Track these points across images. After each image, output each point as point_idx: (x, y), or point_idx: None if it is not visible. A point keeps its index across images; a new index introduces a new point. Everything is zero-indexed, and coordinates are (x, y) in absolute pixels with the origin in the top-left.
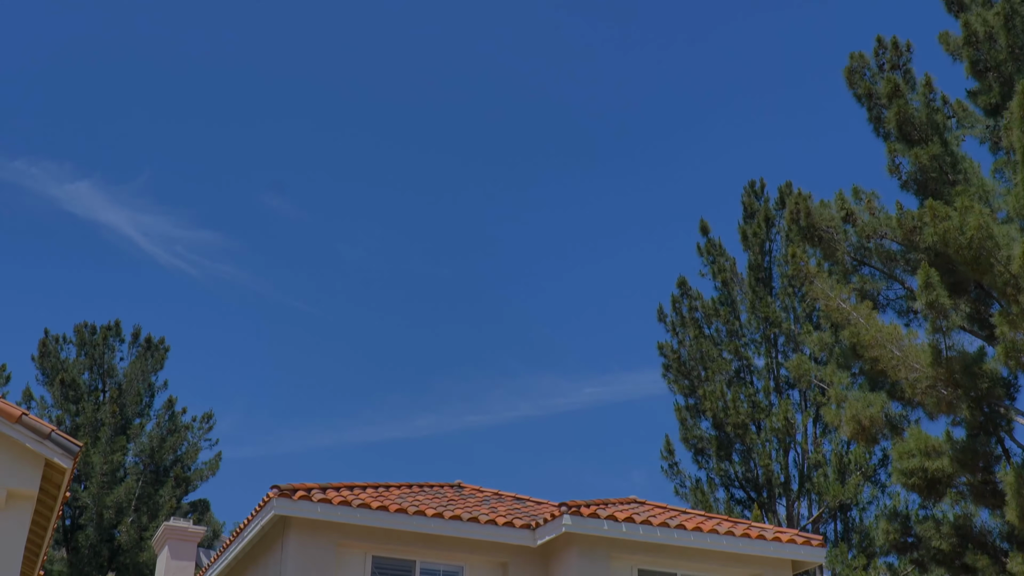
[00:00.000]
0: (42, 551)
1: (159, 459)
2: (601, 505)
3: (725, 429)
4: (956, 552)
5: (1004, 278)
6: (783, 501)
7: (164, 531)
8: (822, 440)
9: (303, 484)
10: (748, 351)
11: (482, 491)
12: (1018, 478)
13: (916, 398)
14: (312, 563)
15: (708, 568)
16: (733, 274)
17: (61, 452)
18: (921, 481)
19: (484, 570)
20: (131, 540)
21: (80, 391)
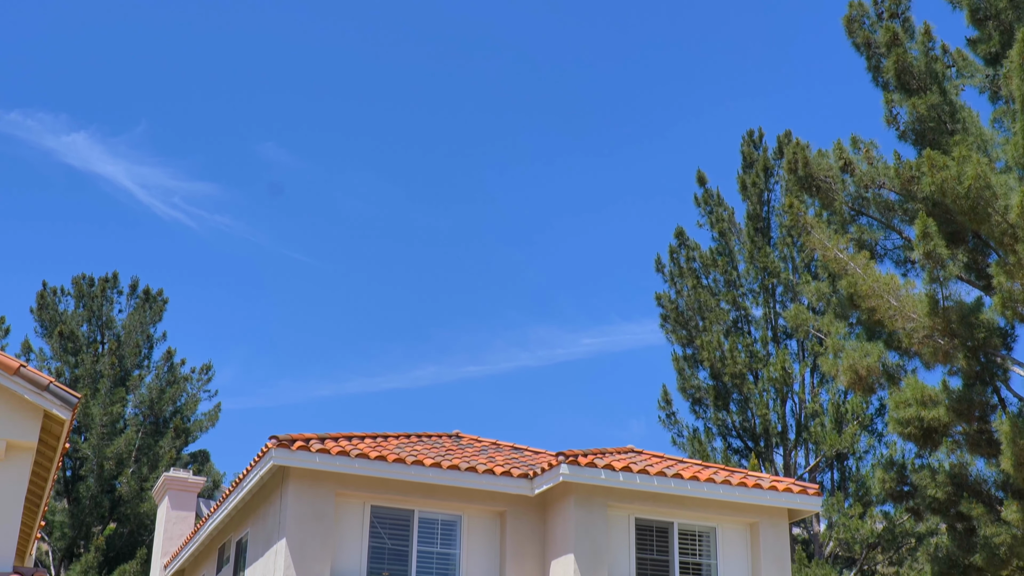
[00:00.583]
0: (43, 502)
1: (158, 410)
2: (598, 454)
3: (723, 379)
4: (951, 500)
5: (1002, 228)
6: (780, 450)
7: (164, 482)
8: (819, 390)
9: (301, 435)
10: (746, 301)
11: (480, 441)
12: (1013, 427)
13: (913, 348)
14: (311, 513)
15: (705, 517)
16: (731, 224)
17: (60, 403)
18: (917, 430)
19: (482, 519)
20: (132, 491)
21: (79, 343)
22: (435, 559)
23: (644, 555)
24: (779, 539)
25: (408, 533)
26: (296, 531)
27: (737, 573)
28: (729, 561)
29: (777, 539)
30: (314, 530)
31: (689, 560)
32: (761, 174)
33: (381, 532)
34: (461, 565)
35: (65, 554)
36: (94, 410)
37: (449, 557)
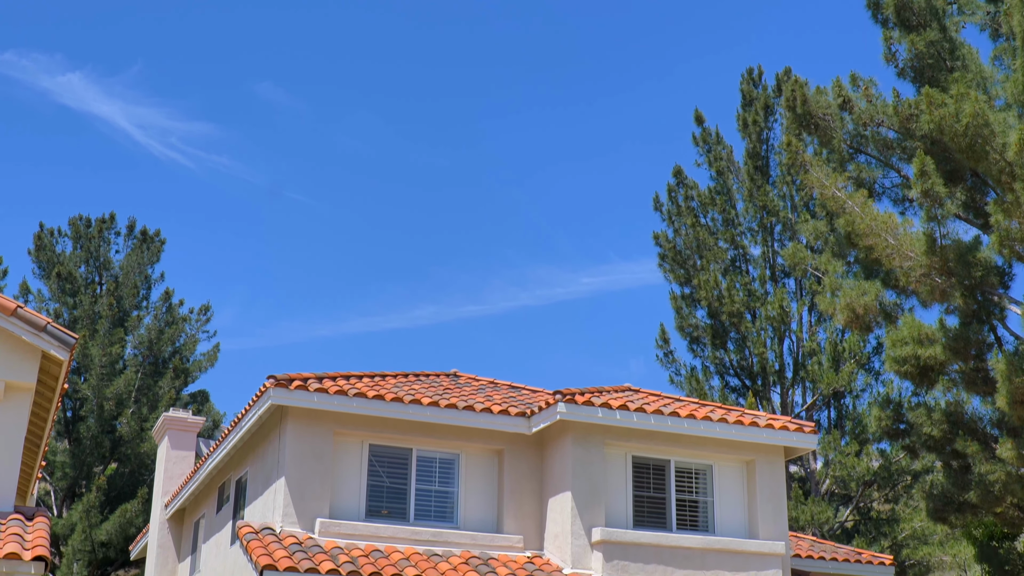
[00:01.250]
0: (43, 442)
1: (157, 351)
2: (596, 393)
3: (720, 318)
4: (947, 438)
5: (1000, 166)
6: (777, 389)
7: (164, 422)
8: (817, 328)
9: (300, 374)
10: (744, 240)
11: (478, 380)
12: (1009, 366)
13: (910, 286)
14: (310, 452)
15: (701, 455)
16: (729, 163)
17: (57, 344)
18: (914, 368)
19: (480, 457)
20: (132, 431)
21: (77, 284)
22: (433, 497)
23: (641, 492)
24: (775, 477)
25: (406, 471)
26: (295, 470)
27: (733, 510)
28: (725, 498)
29: (773, 477)
30: (313, 469)
31: (686, 497)
32: (761, 112)
33: (379, 470)
34: (459, 503)
35: (67, 494)
36: (93, 351)
37: (447, 495)
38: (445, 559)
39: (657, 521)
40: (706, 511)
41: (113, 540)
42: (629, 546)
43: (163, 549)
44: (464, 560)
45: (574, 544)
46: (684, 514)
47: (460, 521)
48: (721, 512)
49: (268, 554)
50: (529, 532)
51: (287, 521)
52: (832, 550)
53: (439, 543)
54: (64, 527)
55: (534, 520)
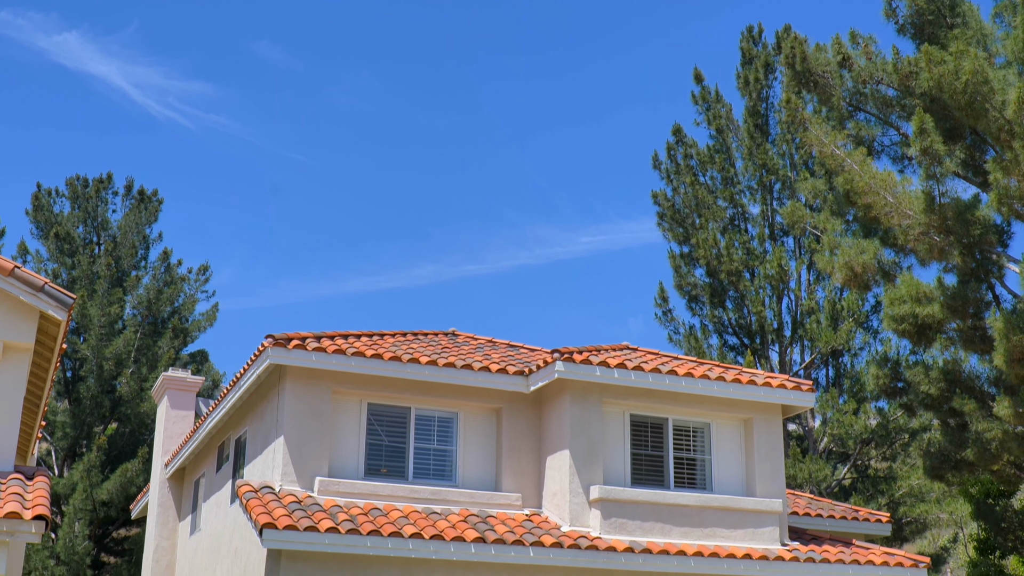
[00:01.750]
0: (42, 402)
1: (156, 311)
2: (593, 351)
3: (719, 276)
4: (944, 396)
5: (999, 123)
6: (776, 347)
7: (163, 381)
8: (815, 287)
9: (298, 333)
10: (743, 198)
11: (476, 339)
12: (1007, 324)
13: (909, 245)
14: (308, 411)
15: (699, 413)
16: (729, 121)
17: (55, 304)
18: (912, 327)
19: (478, 416)
20: (132, 391)
21: (75, 244)
22: (432, 455)
23: (639, 451)
24: (773, 435)
25: (405, 430)
26: (294, 429)
27: (731, 468)
28: (723, 456)
29: (771, 435)
30: (311, 428)
31: (683, 455)
32: (760, 70)
33: (378, 429)
34: (458, 461)
35: (67, 453)
36: (92, 311)
37: (446, 453)
38: (444, 517)
39: (655, 479)
40: (704, 469)
41: (114, 499)
42: (627, 504)
43: (163, 508)
44: (463, 518)
45: (572, 502)
46: (682, 472)
47: (458, 479)
48: (719, 470)
49: (267, 512)
50: (527, 490)
51: (286, 480)
52: (829, 507)
53: (437, 501)
54: (65, 487)
55: (532, 478)
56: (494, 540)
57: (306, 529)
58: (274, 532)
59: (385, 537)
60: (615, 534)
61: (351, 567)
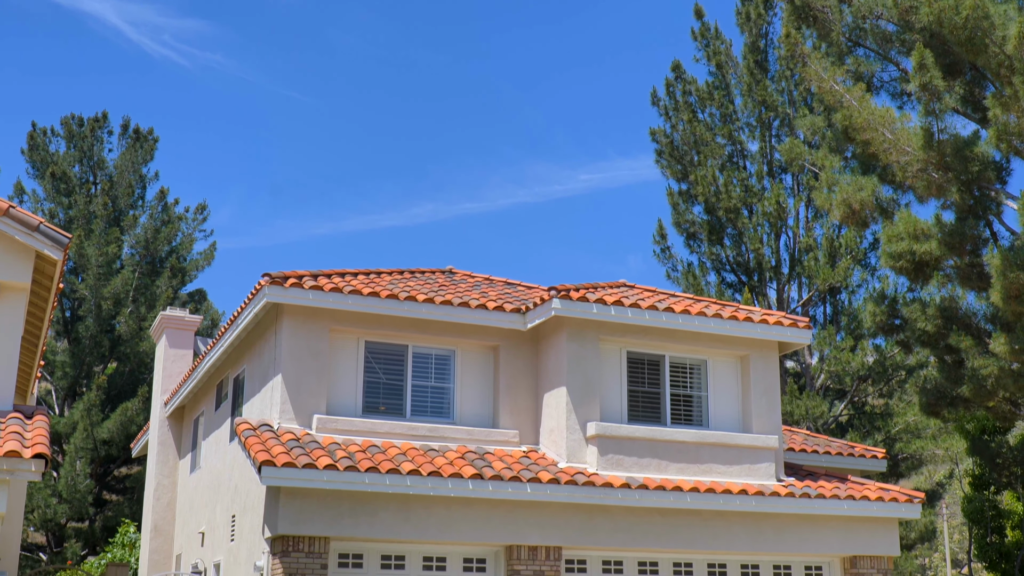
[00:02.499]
0: (40, 341)
1: (154, 250)
2: (590, 289)
3: (717, 213)
4: (941, 333)
5: (999, 59)
6: (774, 285)
7: (161, 321)
8: (813, 224)
9: (295, 272)
10: (741, 135)
11: (473, 276)
12: (1004, 261)
13: (907, 182)
14: (306, 349)
15: (696, 350)
16: (728, 58)
17: (51, 244)
18: (909, 264)
19: (475, 353)
20: (130, 330)
21: (71, 184)
22: (429, 393)
23: (636, 388)
24: (769, 371)
25: (402, 368)
26: (291, 367)
27: (727, 405)
28: (719, 393)
29: (767, 371)
30: (309, 366)
31: (680, 392)
32: (761, 5)
33: (376, 367)
34: (455, 399)
35: (67, 393)
36: (89, 251)
37: (443, 391)
38: (442, 454)
39: (651, 416)
40: (700, 406)
41: (115, 438)
42: (623, 440)
43: (163, 446)
44: (460, 455)
45: (569, 439)
46: (678, 409)
47: (456, 417)
48: (715, 407)
49: (266, 450)
50: (525, 427)
51: (284, 418)
52: (825, 444)
53: (435, 438)
54: (66, 426)
55: (529, 415)
56: (491, 477)
57: (304, 466)
58: (272, 469)
59: (383, 474)
60: (612, 470)
61: (349, 504)
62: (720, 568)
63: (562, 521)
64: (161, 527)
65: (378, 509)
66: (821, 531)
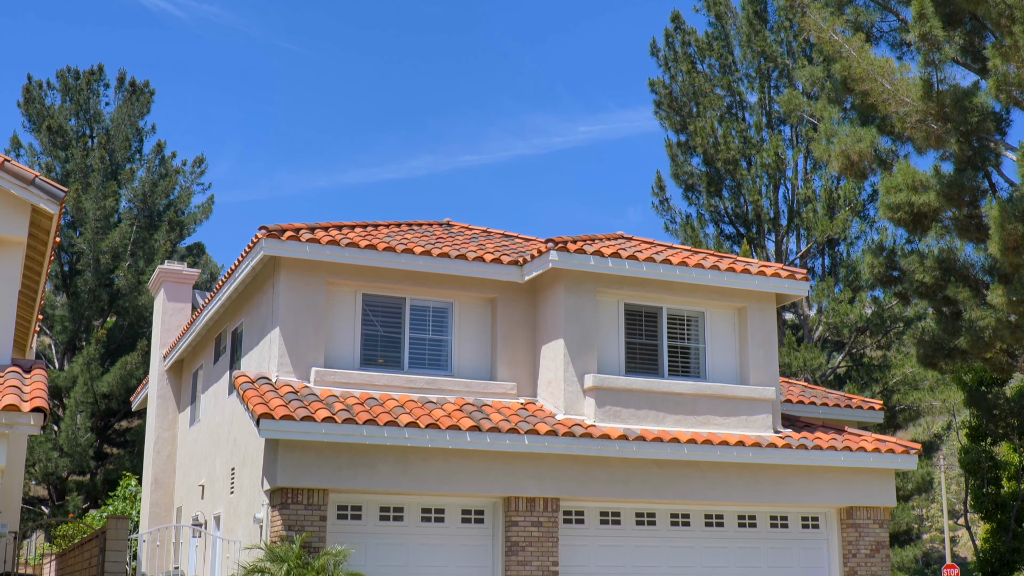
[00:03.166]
0: (38, 295)
1: (152, 204)
2: (588, 241)
3: (716, 165)
4: (939, 285)
5: (999, 8)
6: (772, 237)
7: (159, 274)
8: (812, 176)
9: (292, 224)
10: (740, 86)
11: (471, 229)
12: (1003, 212)
13: (906, 132)
14: (303, 301)
15: (693, 302)
16: (727, 8)
17: (47, 197)
18: (907, 215)
19: (473, 305)
20: (129, 284)
21: (68, 137)
22: (427, 345)
23: (633, 339)
24: (767, 323)
25: (400, 320)
26: (289, 320)
27: (725, 356)
28: (717, 345)
29: (765, 323)
30: (307, 318)
31: (677, 344)
32: None
33: (373, 319)
34: (453, 351)
35: (67, 347)
36: (87, 204)
37: (441, 343)
38: (439, 406)
39: (649, 367)
40: (698, 357)
41: (115, 392)
42: (621, 392)
43: (163, 400)
44: (458, 407)
45: (567, 390)
46: (676, 360)
47: (454, 369)
48: (712, 358)
49: (264, 403)
50: (522, 379)
51: (282, 371)
52: (823, 395)
53: (433, 390)
54: (66, 380)
55: (527, 367)
56: (489, 428)
57: (303, 419)
58: (271, 422)
59: (381, 426)
60: (609, 422)
61: (348, 456)
62: (717, 519)
63: (560, 473)
64: (161, 480)
65: (376, 461)
66: (818, 482)
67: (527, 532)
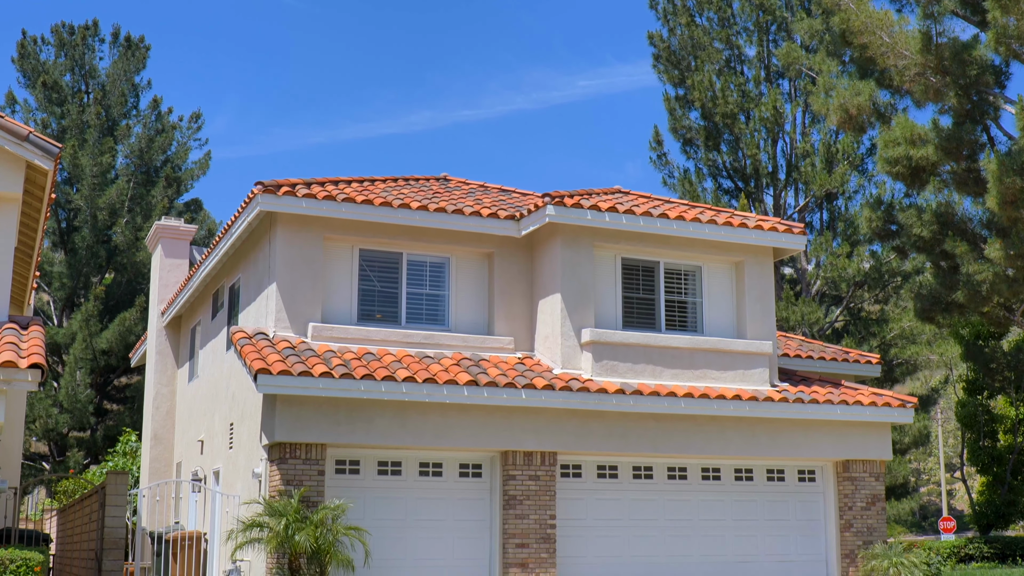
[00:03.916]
0: (35, 252)
1: (148, 160)
2: (585, 195)
3: (714, 119)
4: (936, 239)
5: None
6: (770, 191)
7: (156, 230)
8: (810, 130)
9: (288, 180)
10: (739, 40)
11: (468, 183)
12: (1001, 166)
13: (904, 86)
14: (300, 257)
15: (691, 256)
16: None
17: (41, 154)
18: (906, 169)
19: (470, 260)
20: (127, 241)
21: (63, 93)
22: (424, 300)
23: (630, 294)
24: (764, 277)
25: (397, 275)
26: (286, 275)
27: (722, 311)
28: (714, 299)
29: (762, 277)
30: (304, 274)
31: (675, 298)
32: None
33: (370, 275)
34: (450, 306)
35: (66, 304)
36: (83, 161)
37: (438, 298)
38: (437, 361)
39: (646, 322)
40: (695, 312)
41: (114, 348)
42: (618, 346)
43: (162, 356)
44: (455, 361)
45: (564, 345)
46: (673, 315)
47: (451, 324)
48: (710, 313)
49: (262, 358)
50: (519, 334)
51: (280, 326)
52: (820, 349)
53: (430, 345)
54: (65, 336)
55: (524, 322)
56: (486, 383)
57: (300, 374)
58: (268, 377)
59: (378, 381)
60: (606, 376)
61: (346, 411)
62: (714, 472)
63: (557, 427)
64: (161, 435)
65: (374, 416)
66: (814, 435)
67: (525, 486)
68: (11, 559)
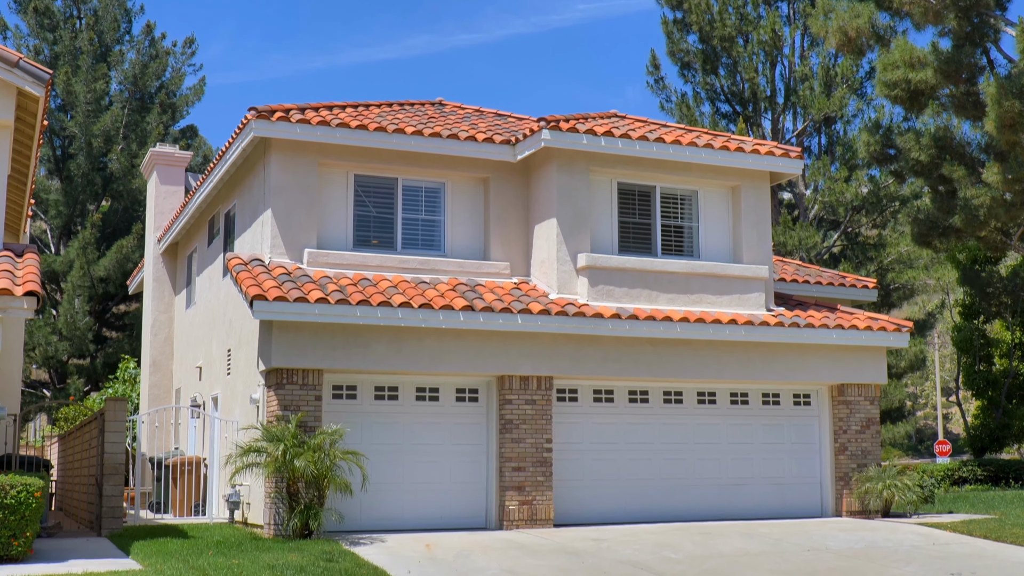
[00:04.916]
0: (29, 180)
1: (143, 86)
2: (581, 120)
3: (712, 42)
4: (935, 163)
5: None
6: (768, 115)
7: (151, 157)
8: (809, 53)
9: (281, 105)
10: None
11: (463, 108)
12: (1000, 89)
13: (904, 8)
14: (295, 183)
15: (687, 180)
16: None
17: (32, 80)
18: (904, 93)
19: (465, 185)
20: (123, 168)
21: (55, 19)
22: (420, 226)
23: (626, 219)
24: (760, 202)
25: (392, 201)
26: (281, 201)
27: (718, 235)
28: (710, 224)
29: (758, 202)
30: (299, 200)
31: (671, 223)
32: None
33: (366, 200)
34: (446, 231)
35: (63, 232)
36: (77, 87)
37: (434, 223)
38: (433, 286)
39: (642, 247)
40: (691, 236)
41: (111, 276)
42: (614, 271)
43: (159, 283)
44: (451, 287)
45: (560, 270)
46: (669, 239)
47: (447, 249)
48: (706, 237)
49: (257, 285)
50: (515, 259)
51: (275, 252)
52: (817, 274)
53: (426, 271)
54: (62, 264)
55: (520, 247)
56: (482, 308)
57: (296, 300)
58: (264, 303)
59: (374, 307)
60: (602, 301)
61: (342, 336)
62: (710, 396)
63: (553, 352)
64: (160, 362)
65: (370, 341)
66: (809, 359)
67: (521, 410)
68: (11, 484)
